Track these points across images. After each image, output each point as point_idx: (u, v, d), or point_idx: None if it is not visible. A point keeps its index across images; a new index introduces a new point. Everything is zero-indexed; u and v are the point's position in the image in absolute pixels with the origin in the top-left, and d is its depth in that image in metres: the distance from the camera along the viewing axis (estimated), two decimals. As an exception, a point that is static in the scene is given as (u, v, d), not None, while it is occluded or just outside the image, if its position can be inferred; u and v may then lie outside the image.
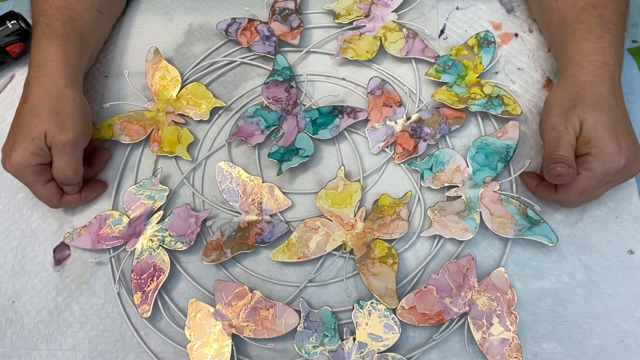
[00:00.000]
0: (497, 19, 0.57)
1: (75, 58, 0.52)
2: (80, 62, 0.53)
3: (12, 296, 0.51)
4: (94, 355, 0.48)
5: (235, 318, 0.46)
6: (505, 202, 0.47)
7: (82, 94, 0.52)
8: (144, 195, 0.52)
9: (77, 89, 0.51)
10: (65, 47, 0.51)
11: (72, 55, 0.52)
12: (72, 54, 0.52)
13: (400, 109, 0.52)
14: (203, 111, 0.55)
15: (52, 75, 0.49)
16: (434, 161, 0.50)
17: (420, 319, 0.44)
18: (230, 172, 0.52)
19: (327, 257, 0.49)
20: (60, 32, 0.51)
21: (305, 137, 0.52)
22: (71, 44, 0.52)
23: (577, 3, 0.48)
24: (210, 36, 0.60)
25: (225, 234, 0.49)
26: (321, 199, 0.49)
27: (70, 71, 0.51)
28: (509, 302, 0.44)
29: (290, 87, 0.55)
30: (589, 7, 0.47)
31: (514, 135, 0.49)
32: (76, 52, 0.52)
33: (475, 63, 0.53)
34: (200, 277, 0.49)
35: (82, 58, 0.53)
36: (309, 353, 0.44)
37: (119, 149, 0.55)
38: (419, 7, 0.58)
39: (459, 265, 0.46)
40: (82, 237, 0.51)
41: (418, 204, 0.50)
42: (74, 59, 0.52)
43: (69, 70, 0.51)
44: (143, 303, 0.47)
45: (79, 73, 0.53)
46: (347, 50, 0.55)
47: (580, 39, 0.46)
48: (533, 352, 0.44)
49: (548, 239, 0.45)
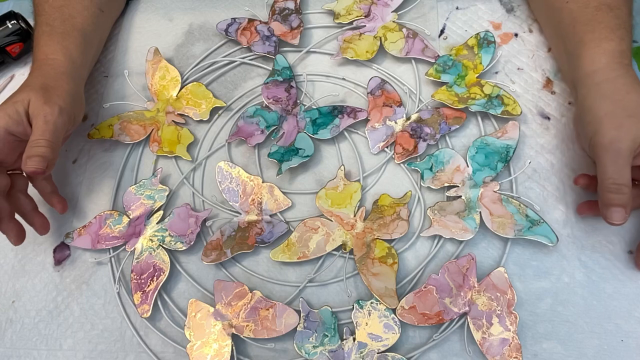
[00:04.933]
0: (497, 19, 0.57)
1: (76, 53, 0.52)
2: (82, 59, 0.52)
3: (12, 296, 0.51)
4: (93, 355, 0.48)
5: (235, 318, 0.46)
6: (505, 202, 0.47)
7: (82, 88, 0.51)
8: (143, 195, 0.52)
9: (76, 82, 0.50)
10: (65, 43, 0.51)
11: (73, 50, 0.51)
12: (73, 50, 0.51)
13: (400, 109, 0.52)
14: (203, 111, 0.55)
15: (53, 65, 0.49)
16: (434, 161, 0.50)
17: (420, 319, 0.44)
18: (230, 172, 0.52)
19: (327, 257, 0.49)
20: (59, 29, 0.51)
21: (305, 137, 0.52)
22: (71, 39, 0.52)
23: (590, 3, 0.46)
24: (210, 36, 0.60)
25: (225, 234, 0.49)
26: (321, 199, 0.49)
27: (71, 65, 0.50)
28: (508, 302, 0.44)
29: (290, 87, 0.55)
30: (604, 7, 0.46)
31: (514, 135, 0.49)
32: (77, 48, 0.52)
33: (475, 63, 0.53)
34: (200, 277, 0.49)
35: (84, 55, 0.53)
36: (308, 353, 0.44)
37: (119, 149, 0.55)
38: (418, 7, 0.58)
39: (458, 265, 0.46)
40: (82, 237, 0.51)
41: (418, 204, 0.50)
42: (75, 54, 0.51)
43: (69, 63, 0.50)
44: (143, 303, 0.47)
45: (81, 69, 0.52)
46: (347, 50, 0.55)
47: (602, 38, 0.45)
48: (533, 352, 0.44)
49: (548, 239, 0.45)
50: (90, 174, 0.55)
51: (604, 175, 0.41)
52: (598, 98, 0.43)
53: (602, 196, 0.41)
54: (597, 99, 0.43)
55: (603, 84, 0.43)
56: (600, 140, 0.41)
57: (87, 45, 0.54)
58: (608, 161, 0.41)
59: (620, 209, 0.40)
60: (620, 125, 0.41)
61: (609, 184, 0.41)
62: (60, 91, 0.47)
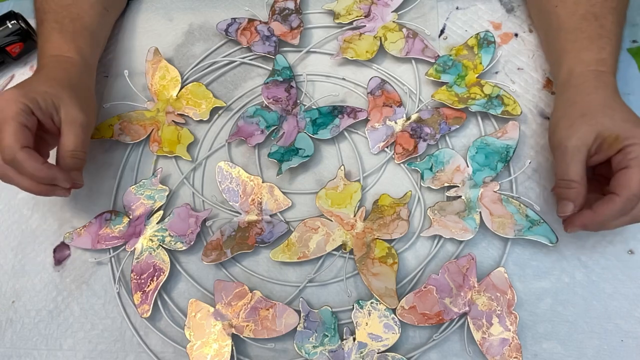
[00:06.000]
0: (497, 19, 0.57)
1: (88, 53, 0.52)
2: (92, 58, 0.53)
3: (12, 296, 0.51)
4: (93, 355, 0.48)
5: (235, 318, 0.46)
6: (505, 202, 0.47)
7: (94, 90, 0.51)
8: (144, 195, 0.52)
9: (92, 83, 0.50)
10: (78, 42, 0.51)
11: (85, 50, 0.51)
12: (86, 49, 0.51)
13: (400, 109, 0.52)
14: (203, 111, 0.55)
15: (72, 64, 0.49)
16: (434, 161, 0.50)
17: (420, 319, 0.44)
18: (230, 172, 0.52)
19: (327, 257, 0.49)
20: (70, 28, 0.51)
21: (305, 137, 0.52)
22: (83, 40, 0.52)
23: (577, 11, 0.47)
24: (210, 36, 0.60)
25: (225, 234, 0.49)
26: (321, 199, 0.49)
27: (85, 65, 0.50)
28: (508, 302, 0.44)
29: (290, 87, 0.55)
30: (590, 16, 0.46)
31: (513, 135, 0.49)
32: (88, 48, 0.52)
33: (475, 63, 0.53)
34: (200, 277, 0.49)
35: (93, 55, 0.53)
36: (309, 353, 0.44)
37: (119, 149, 0.55)
38: (419, 7, 0.58)
39: (458, 265, 0.46)
40: (82, 237, 0.51)
41: (418, 204, 0.50)
42: (87, 54, 0.51)
43: (84, 63, 0.50)
44: (143, 303, 0.47)
45: (93, 70, 0.53)
46: (347, 50, 0.55)
47: (581, 48, 0.46)
48: (533, 352, 0.44)
49: (548, 239, 0.45)
50: (90, 174, 0.54)
51: (556, 172, 0.43)
52: (560, 103, 0.46)
53: (555, 191, 0.44)
54: (558, 105, 0.46)
55: (570, 90, 0.45)
56: (553, 140, 0.44)
57: (96, 45, 0.54)
58: (557, 159, 0.43)
59: (568, 202, 0.42)
60: (571, 125, 0.42)
61: (558, 180, 0.43)
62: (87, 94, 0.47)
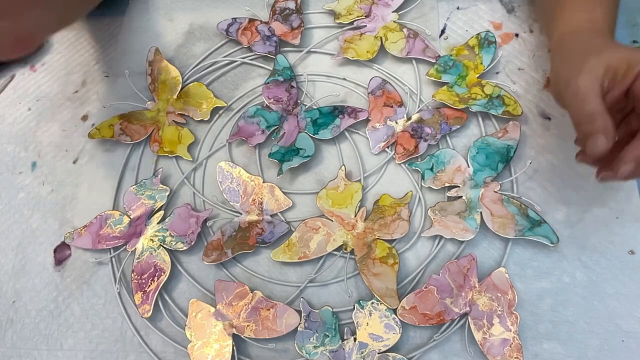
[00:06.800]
0: (497, 19, 0.57)
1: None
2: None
3: (12, 296, 0.51)
4: (94, 355, 0.48)
5: (236, 318, 0.46)
6: (506, 202, 0.47)
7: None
8: (144, 195, 0.52)
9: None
10: None
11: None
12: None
13: (401, 109, 0.52)
14: (203, 111, 0.55)
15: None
16: (435, 161, 0.50)
17: (420, 319, 0.44)
18: (230, 172, 0.52)
19: (327, 257, 0.49)
20: None
21: (305, 137, 0.52)
22: None
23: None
24: (210, 36, 0.60)
25: (226, 234, 0.49)
26: (322, 199, 0.49)
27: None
28: (509, 303, 0.44)
29: (291, 87, 0.55)
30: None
31: (514, 135, 0.49)
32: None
33: (475, 63, 0.53)
34: (200, 277, 0.49)
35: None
36: (309, 353, 0.44)
37: (119, 149, 0.55)
38: (419, 7, 0.58)
39: (459, 266, 0.46)
40: (83, 237, 0.51)
41: (419, 204, 0.50)
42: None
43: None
44: (144, 303, 0.47)
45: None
46: (348, 50, 0.55)
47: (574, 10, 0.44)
48: (534, 352, 0.44)
49: (549, 239, 0.46)
50: (90, 174, 0.55)
51: (573, 114, 0.40)
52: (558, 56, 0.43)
53: (579, 132, 0.40)
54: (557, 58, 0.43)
55: (566, 44, 0.43)
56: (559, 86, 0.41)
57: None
58: (570, 102, 0.40)
59: (600, 135, 0.37)
60: (576, 64, 0.40)
61: (577, 123, 0.39)
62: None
